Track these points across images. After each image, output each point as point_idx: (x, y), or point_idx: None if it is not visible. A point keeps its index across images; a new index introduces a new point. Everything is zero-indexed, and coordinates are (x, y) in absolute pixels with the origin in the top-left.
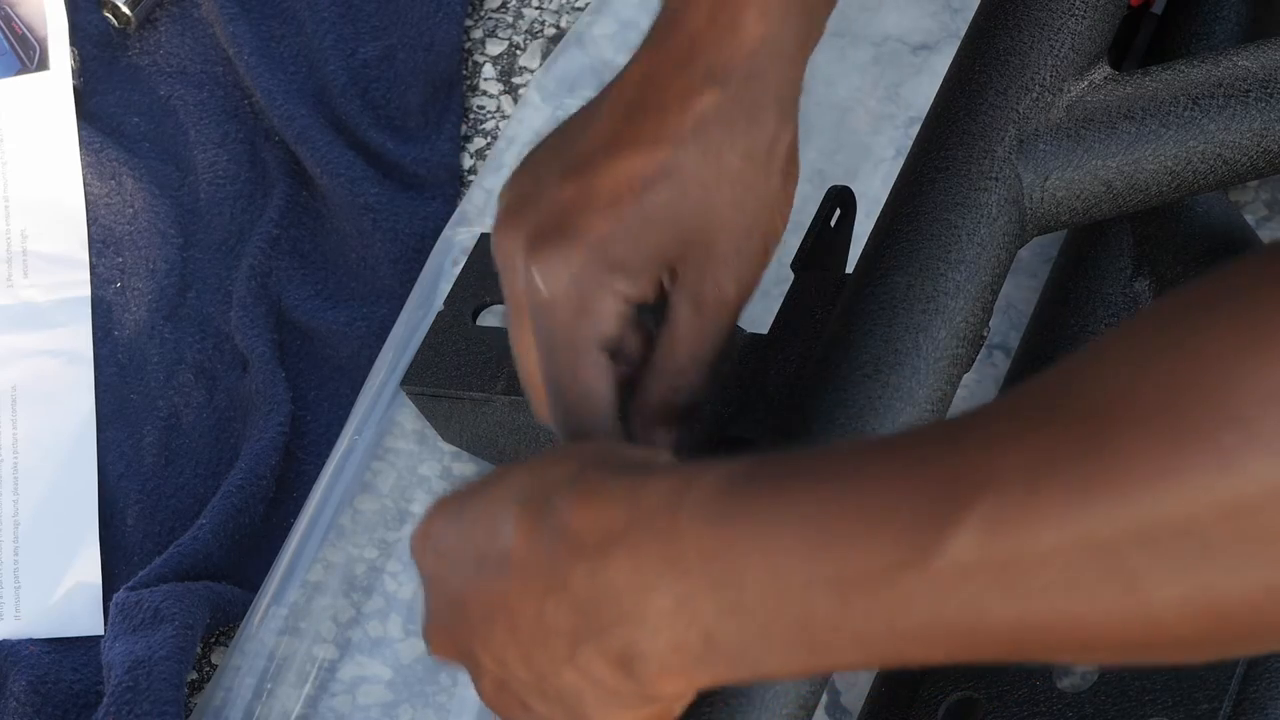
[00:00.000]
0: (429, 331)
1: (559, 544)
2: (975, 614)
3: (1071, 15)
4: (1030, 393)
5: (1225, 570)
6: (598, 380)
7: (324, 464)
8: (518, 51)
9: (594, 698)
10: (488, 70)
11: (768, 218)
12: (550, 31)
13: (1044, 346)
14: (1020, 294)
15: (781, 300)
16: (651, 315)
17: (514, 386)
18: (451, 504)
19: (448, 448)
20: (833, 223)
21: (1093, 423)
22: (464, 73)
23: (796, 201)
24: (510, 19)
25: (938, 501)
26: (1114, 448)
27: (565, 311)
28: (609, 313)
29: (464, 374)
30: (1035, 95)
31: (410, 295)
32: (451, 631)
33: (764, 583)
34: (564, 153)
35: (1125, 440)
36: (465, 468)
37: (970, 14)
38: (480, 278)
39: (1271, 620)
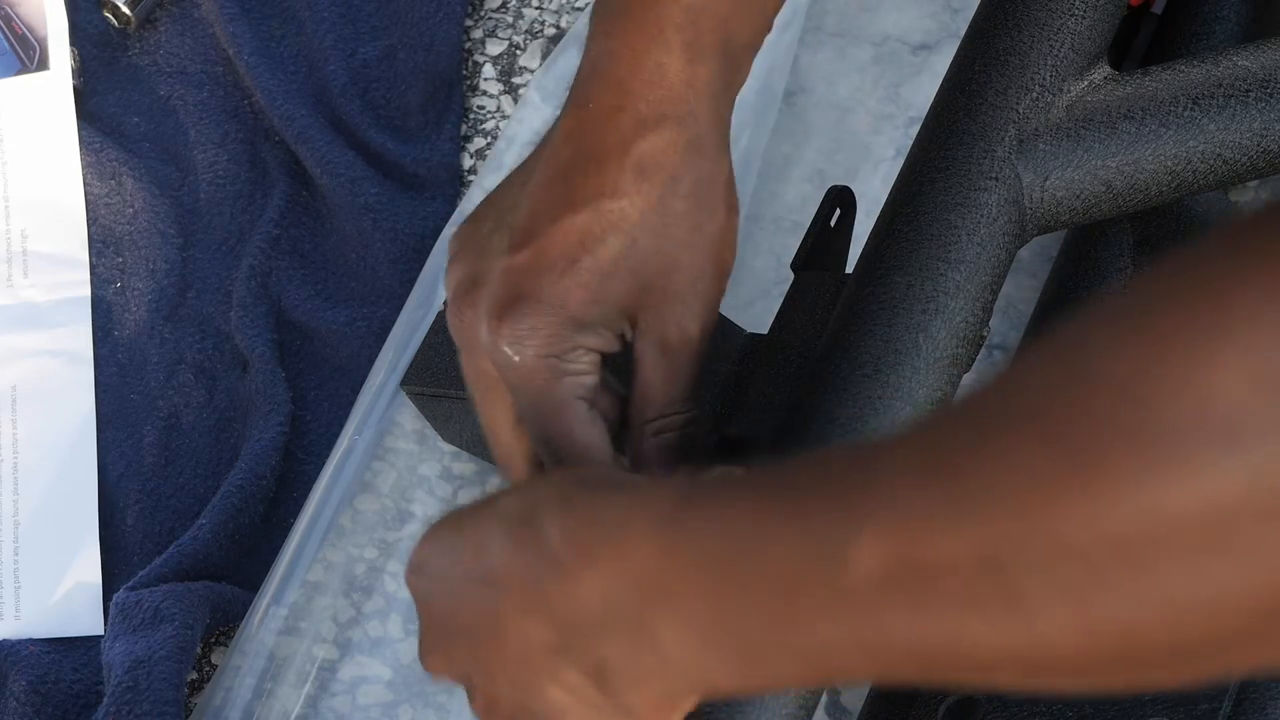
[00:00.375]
0: (429, 331)
1: (541, 562)
2: (883, 630)
3: (1071, 15)
4: (928, 417)
5: (1110, 593)
6: (591, 433)
7: (324, 464)
8: (518, 51)
9: (578, 716)
10: (488, 70)
11: (718, 252)
12: (550, 31)
13: None
14: (1020, 294)
15: (781, 300)
16: (612, 369)
17: None
18: (443, 528)
19: (448, 448)
20: (833, 223)
21: (971, 434)
22: (464, 73)
23: (796, 201)
24: (510, 19)
25: (836, 523)
26: (990, 458)
27: (543, 376)
28: (585, 369)
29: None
30: (1035, 95)
31: (410, 295)
32: (445, 651)
33: (702, 597)
34: (506, 223)
35: (998, 457)
36: (465, 468)
37: (970, 14)
38: None
39: (1160, 645)
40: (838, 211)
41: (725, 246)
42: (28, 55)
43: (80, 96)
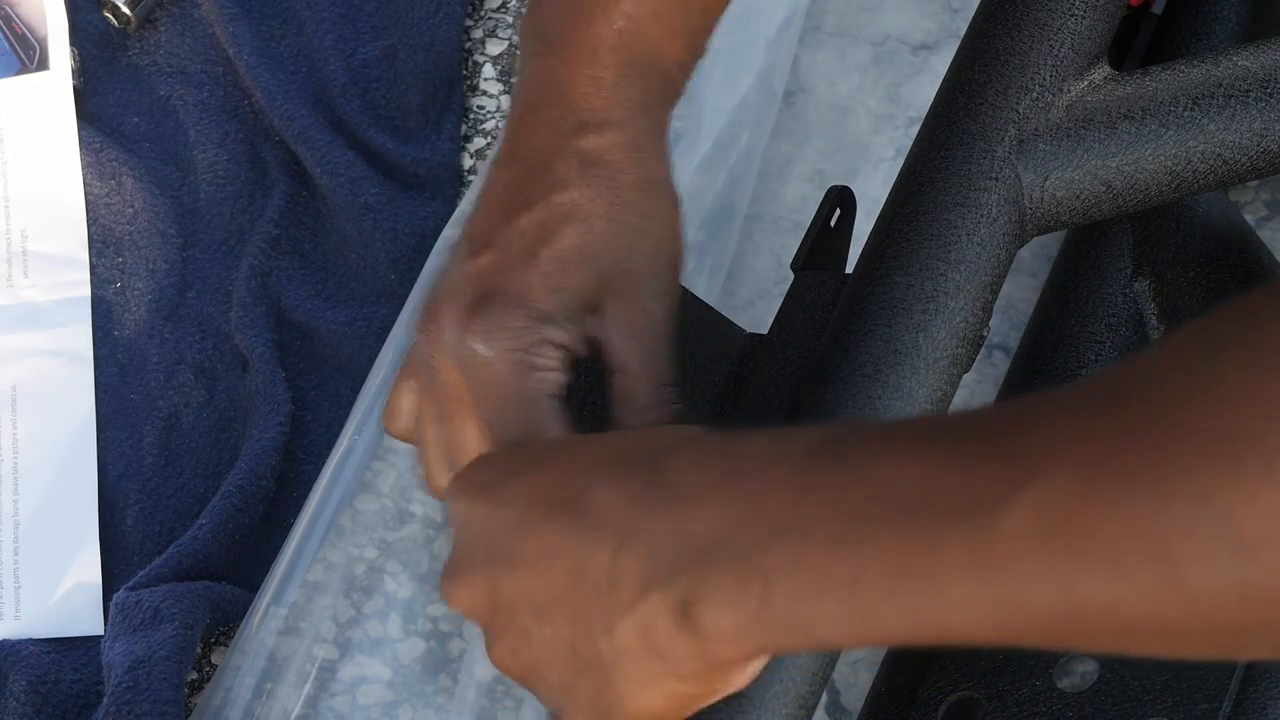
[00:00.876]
0: None
1: (653, 492)
2: (1020, 591)
3: (1071, 15)
4: (1094, 385)
5: (1264, 569)
6: (560, 429)
7: (324, 464)
8: (518, 51)
9: (634, 666)
10: (488, 70)
11: (670, 239)
12: None
13: (1044, 346)
14: (1020, 294)
15: (781, 300)
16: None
17: None
18: (514, 456)
19: None
20: (833, 223)
21: (1147, 419)
22: (464, 73)
23: (796, 201)
24: (510, 19)
25: (994, 480)
26: (1165, 445)
27: (513, 372)
28: (553, 365)
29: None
30: (1035, 95)
31: (410, 295)
32: (481, 582)
33: (829, 542)
34: (468, 236)
35: (1177, 439)
36: None
37: (970, 14)
38: None
39: None
40: (838, 211)
41: (676, 236)
42: (28, 55)
43: (80, 96)
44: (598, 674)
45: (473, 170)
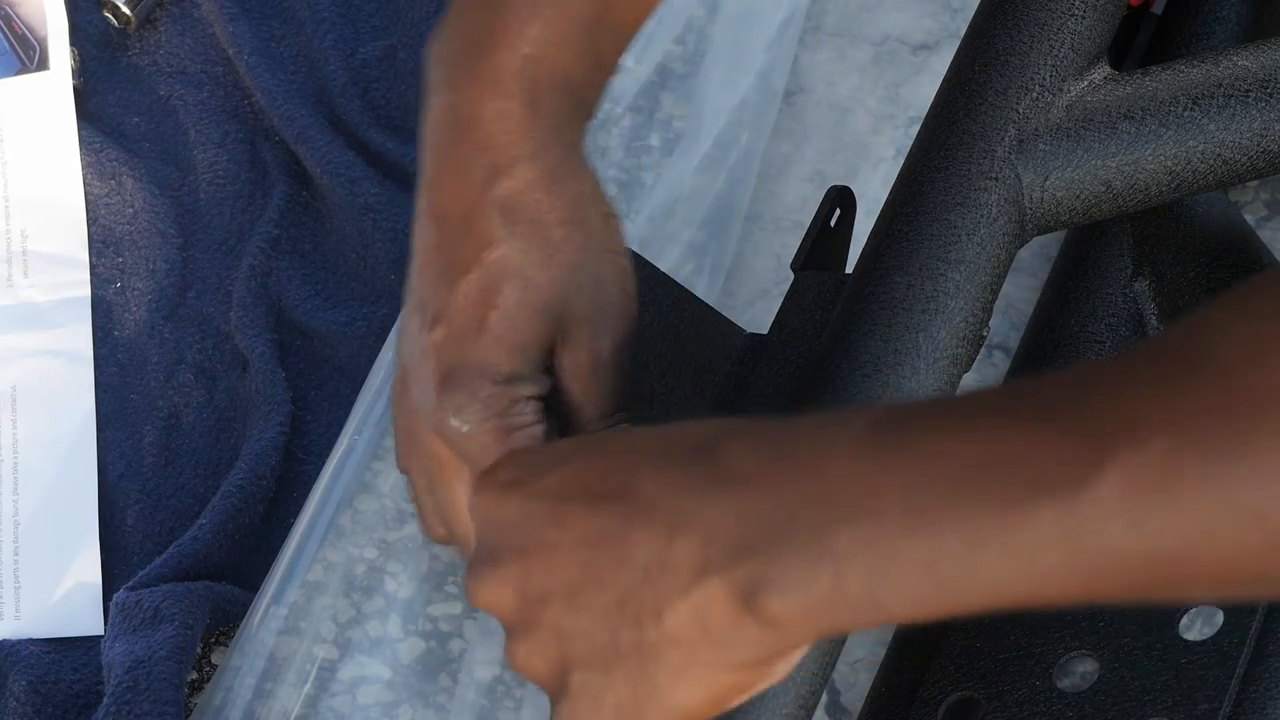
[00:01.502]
0: None
1: (709, 478)
2: (1112, 555)
3: (1071, 15)
4: (1168, 345)
5: None
6: None
7: (324, 464)
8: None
9: (682, 655)
10: None
11: (610, 264)
12: None
13: (1044, 346)
14: (1020, 294)
15: (781, 300)
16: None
17: None
18: (541, 454)
19: None
20: (833, 223)
21: (1233, 382)
22: None
23: (796, 201)
24: None
25: (1080, 448)
26: (1255, 413)
27: (494, 440)
28: (531, 419)
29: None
30: (1035, 95)
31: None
32: (513, 577)
33: (900, 521)
34: (416, 304)
35: (1267, 405)
36: None
37: (970, 14)
38: None
39: None
40: (838, 211)
41: (615, 254)
42: (28, 55)
43: (80, 96)
44: (635, 666)
45: None
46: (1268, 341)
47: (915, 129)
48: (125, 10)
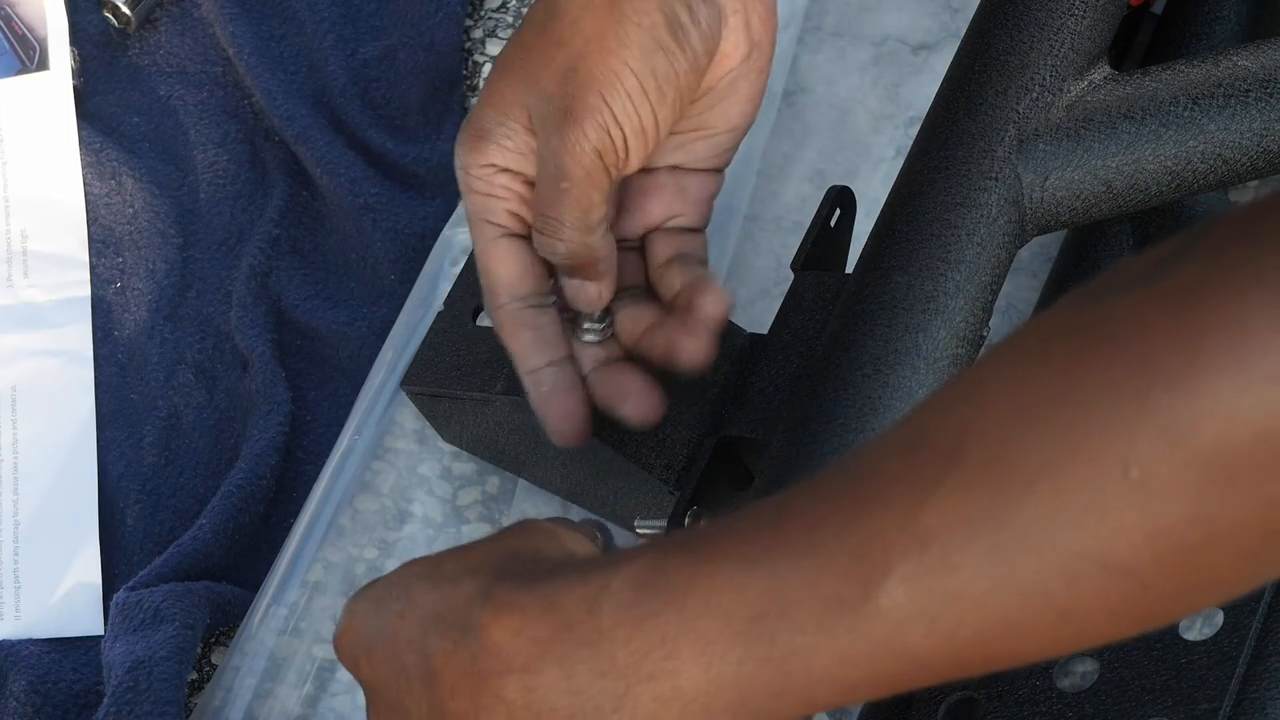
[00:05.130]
0: (429, 331)
1: (487, 663)
2: (912, 662)
3: (1071, 15)
4: (917, 436)
5: (1150, 587)
6: (502, 261)
7: (324, 464)
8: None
9: None
10: (487, 70)
11: None
12: None
13: None
14: (1020, 294)
15: (781, 300)
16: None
17: (514, 386)
18: (368, 611)
19: (448, 448)
20: (833, 223)
21: (997, 473)
22: (464, 73)
23: (796, 201)
24: (510, 19)
25: (857, 570)
26: (1024, 497)
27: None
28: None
29: (464, 374)
30: (1035, 95)
31: (410, 295)
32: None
33: (699, 668)
34: None
35: (1034, 487)
36: (465, 468)
37: (970, 14)
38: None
39: (1198, 606)
40: (838, 211)
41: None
42: (28, 55)
43: (80, 96)
44: None
45: None
46: (1023, 426)
47: (915, 129)
48: (125, 10)
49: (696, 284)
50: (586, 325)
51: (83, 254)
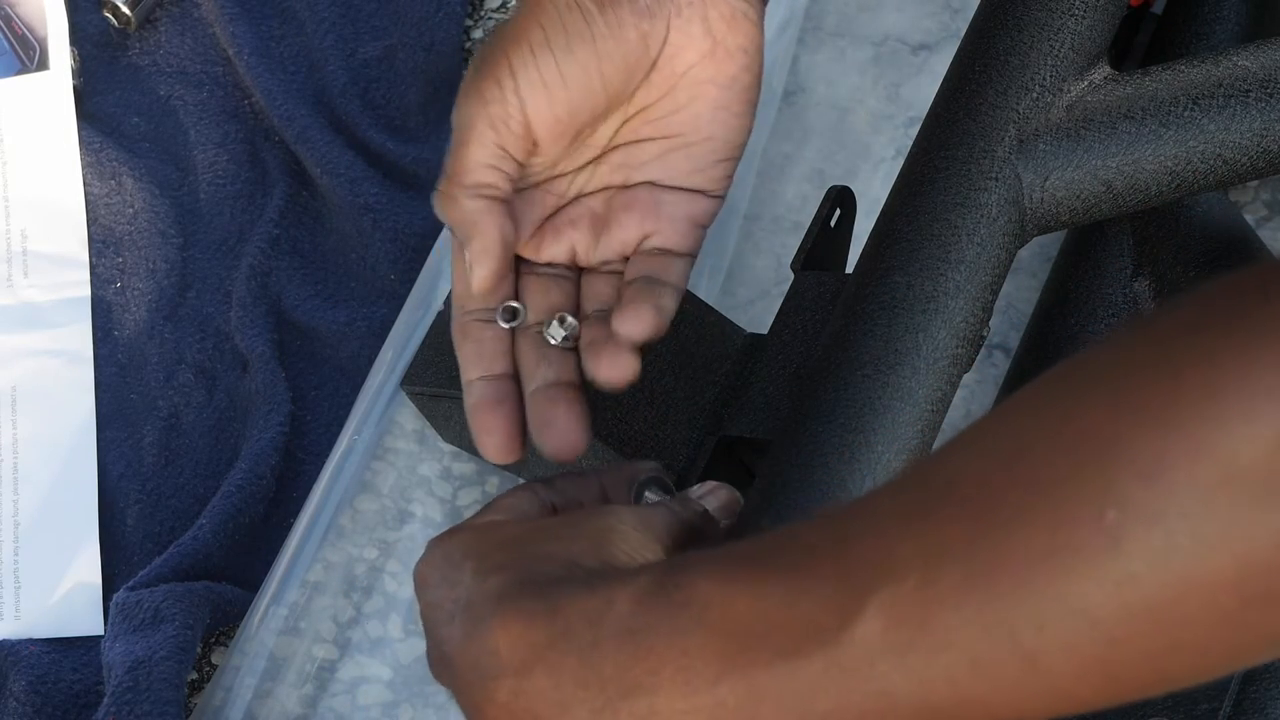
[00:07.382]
0: (429, 331)
1: (487, 662)
2: (882, 698)
3: (1071, 15)
4: (912, 480)
5: (1117, 642)
6: (484, 223)
7: (324, 464)
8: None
9: None
10: None
11: None
12: None
13: (1044, 346)
14: (1020, 294)
15: (781, 300)
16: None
17: None
18: (437, 561)
19: (448, 448)
20: (833, 223)
21: (976, 510)
22: (464, 73)
23: (796, 201)
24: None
25: (836, 596)
26: (999, 535)
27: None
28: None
29: None
30: (1035, 95)
31: (410, 295)
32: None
33: (676, 685)
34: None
35: (1009, 527)
36: (465, 468)
37: (970, 14)
38: None
39: (1171, 677)
40: (838, 211)
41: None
42: (28, 55)
43: (80, 96)
44: None
45: None
46: (1005, 468)
47: (915, 129)
48: (125, 10)
49: (627, 303)
50: (553, 328)
51: (83, 254)
